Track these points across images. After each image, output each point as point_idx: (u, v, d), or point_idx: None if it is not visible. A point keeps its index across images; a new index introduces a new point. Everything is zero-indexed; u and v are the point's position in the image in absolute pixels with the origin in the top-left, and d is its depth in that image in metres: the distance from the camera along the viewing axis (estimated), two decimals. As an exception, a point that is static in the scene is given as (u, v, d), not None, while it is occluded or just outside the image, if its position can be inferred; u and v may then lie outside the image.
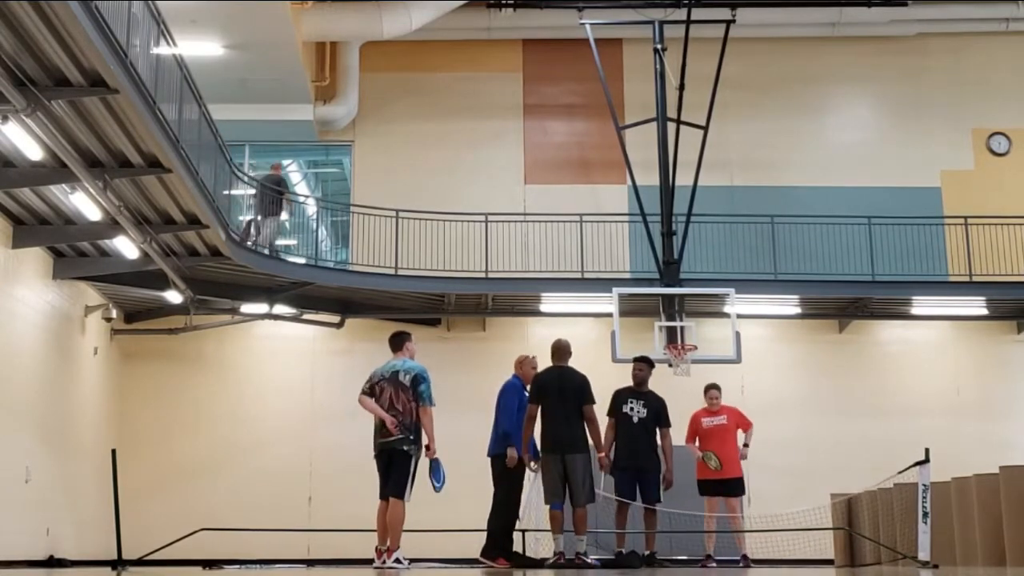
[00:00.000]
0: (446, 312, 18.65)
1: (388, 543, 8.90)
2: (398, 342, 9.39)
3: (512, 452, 9.50)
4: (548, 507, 9.49)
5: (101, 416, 17.22)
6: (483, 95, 20.38)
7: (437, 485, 9.02)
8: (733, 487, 11.49)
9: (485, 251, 18.20)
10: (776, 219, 18.41)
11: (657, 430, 10.33)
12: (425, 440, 8.96)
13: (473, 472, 9.42)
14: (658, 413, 10.38)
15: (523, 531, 13.10)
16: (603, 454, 9.54)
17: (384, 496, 8.93)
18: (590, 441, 9.44)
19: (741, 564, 11.56)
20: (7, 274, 13.37)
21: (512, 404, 9.70)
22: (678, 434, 11.04)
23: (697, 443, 11.69)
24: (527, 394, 9.67)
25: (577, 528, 9.24)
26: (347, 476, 18.06)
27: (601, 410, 10.08)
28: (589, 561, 9.30)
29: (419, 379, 9.01)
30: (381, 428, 9.00)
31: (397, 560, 8.86)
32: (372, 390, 9.15)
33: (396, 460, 8.88)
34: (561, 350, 9.74)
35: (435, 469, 9.05)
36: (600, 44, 18.27)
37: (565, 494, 9.28)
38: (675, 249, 17.56)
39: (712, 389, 11.91)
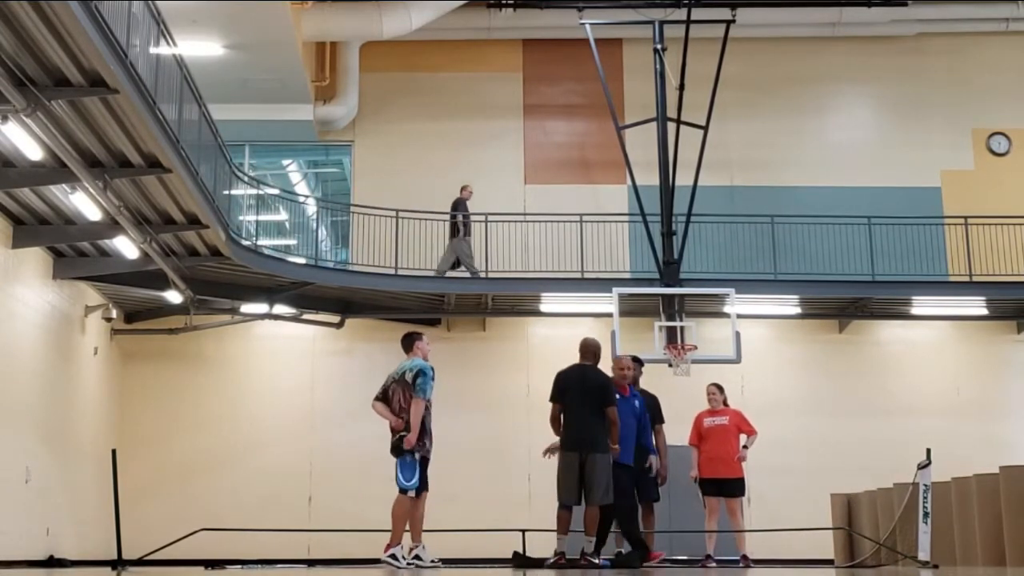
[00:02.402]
0: (446, 312, 18.65)
1: (413, 539, 9.02)
2: (408, 343, 9.47)
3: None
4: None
5: (101, 416, 17.22)
6: (483, 95, 20.38)
7: (405, 484, 8.91)
8: (732, 488, 11.47)
9: (485, 251, 18.22)
10: (776, 219, 18.42)
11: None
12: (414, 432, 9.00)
13: (473, 472, 9.39)
14: (654, 411, 10.44)
15: (523, 531, 13.11)
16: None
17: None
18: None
19: (741, 564, 11.56)
20: (7, 274, 13.37)
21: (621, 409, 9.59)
22: (673, 432, 11.05)
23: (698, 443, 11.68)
24: (615, 396, 9.59)
25: (587, 528, 9.19)
26: (347, 476, 18.13)
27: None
28: (596, 562, 9.24)
29: (418, 374, 9.11)
30: (394, 425, 9.15)
31: (392, 556, 8.86)
32: (385, 395, 9.24)
33: (397, 457, 9.04)
34: (586, 348, 9.65)
35: (407, 466, 8.96)
36: (600, 44, 18.27)
37: (579, 495, 9.22)
38: (675, 249, 17.56)
39: (711, 386, 11.91)
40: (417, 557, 9.00)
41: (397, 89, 20.28)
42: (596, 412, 9.19)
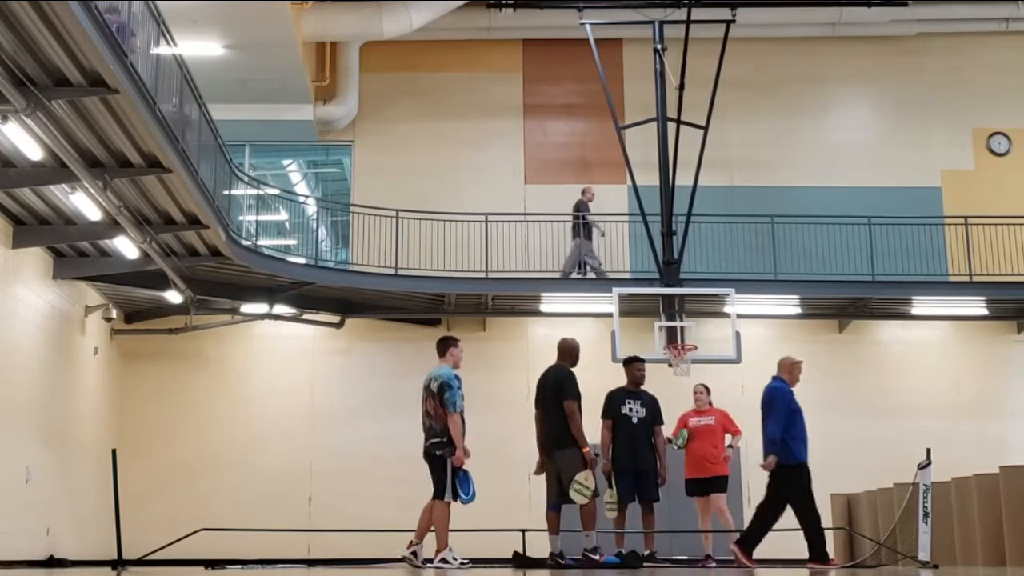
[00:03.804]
0: (446, 312, 18.65)
1: (421, 541, 9.08)
2: (441, 348, 9.56)
3: (771, 459, 9.51)
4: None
5: (101, 416, 17.23)
6: (483, 95, 20.38)
7: (464, 498, 9.02)
8: (716, 485, 11.51)
9: (485, 251, 18.20)
10: (776, 219, 18.41)
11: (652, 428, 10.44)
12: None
13: (473, 472, 9.38)
14: (654, 412, 10.49)
15: (523, 531, 13.11)
16: (587, 449, 9.21)
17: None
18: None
19: (700, 563, 11.53)
20: (7, 274, 13.37)
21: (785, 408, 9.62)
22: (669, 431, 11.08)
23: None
24: (571, 388, 9.53)
25: (583, 524, 9.18)
26: (347, 476, 18.15)
27: (596, 411, 10.12)
28: (597, 559, 9.20)
29: (444, 386, 9.14)
30: (426, 431, 9.19)
31: (443, 560, 8.94)
32: (422, 400, 9.33)
33: (432, 463, 9.11)
34: (558, 349, 9.74)
35: (462, 481, 9.06)
36: (600, 44, 18.26)
37: (559, 496, 9.23)
38: (675, 249, 17.55)
39: (699, 386, 11.95)
40: (414, 554, 9.08)
41: (397, 89, 20.28)
42: (555, 410, 9.20)
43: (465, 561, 9.21)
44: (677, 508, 13.39)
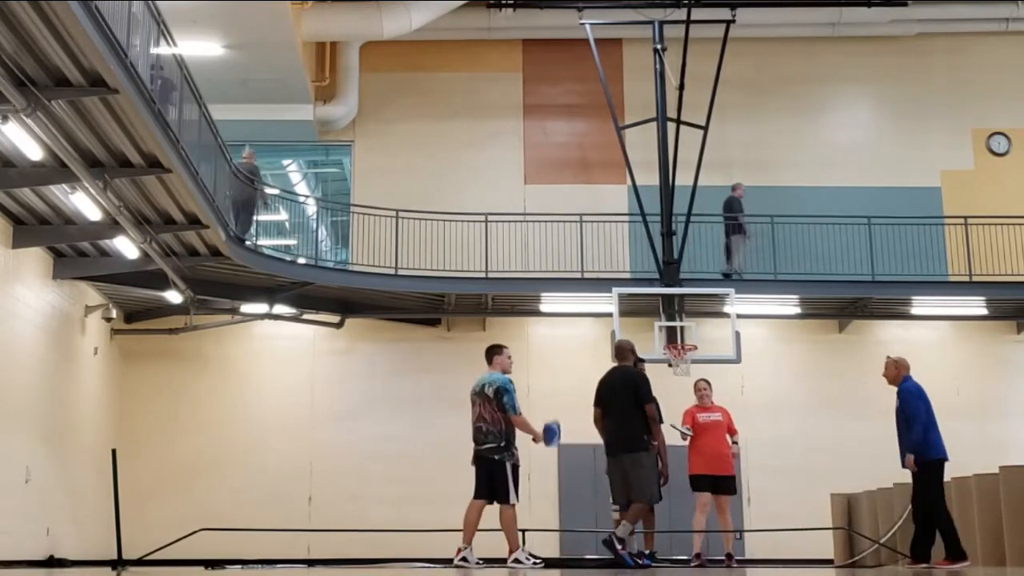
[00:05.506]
0: (446, 312, 18.65)
1: (470, 543, 9.19)
2: (489, 356, 9.73)
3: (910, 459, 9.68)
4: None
5: (101, 416, 17.22)
6: (483, 95, 20.38)
7: (555, 444, 9.40)
8: (727, 486, 11.44)
9: (485, 251, 18.21)
10: (776, 219, 18.41)
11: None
12: (528, 437, 9.38)
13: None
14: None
15: (523, 531, 13.10)
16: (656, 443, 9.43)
17: (478, 496, 9.29)
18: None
19: (725, 563, 11.50)
20: (7, 274, 13.37)
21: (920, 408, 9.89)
22: (671, 432, 11.05)
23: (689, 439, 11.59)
24: (648, 392, 9.48)
25: (629, 516, 9.19)
26: (347, 476, 18.15)
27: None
28: (619, 548, 9.06)
29: (501, 391, 9.36)
30: (475, 435, 9.38)
31: (516, 560, 9.03)
32: (472, 405, 9.51)
33: (492, 469, 9.25)
34: (617, 350, 9.73)
35: (550, 437, 9.36)
36: (600, 44, 18.27)
37: (625, 497, 9.23)
38: (675, 249, 17.55)
39: (702, 382, 11.88)
40: (464, 560, 9.16)
41: (397, 89, 20.29)
42: (626, 412, 9.20)
43: (539, 561, 9.29)
44: (677, 508, 13.39)
